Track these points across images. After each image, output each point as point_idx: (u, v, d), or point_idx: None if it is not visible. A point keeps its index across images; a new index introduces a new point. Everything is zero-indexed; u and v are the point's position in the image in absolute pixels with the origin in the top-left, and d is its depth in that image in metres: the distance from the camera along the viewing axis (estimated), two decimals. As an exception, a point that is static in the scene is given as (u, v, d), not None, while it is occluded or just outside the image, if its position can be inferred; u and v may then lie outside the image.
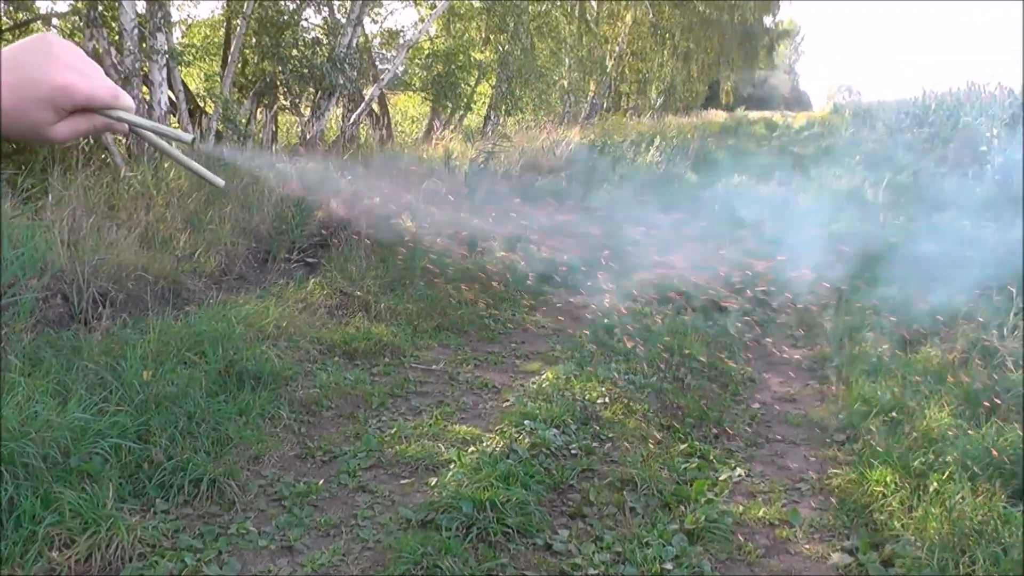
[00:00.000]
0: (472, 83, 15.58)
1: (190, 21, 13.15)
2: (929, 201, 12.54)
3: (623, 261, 9.84)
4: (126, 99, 1.11)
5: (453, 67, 14.55)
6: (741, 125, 35.11)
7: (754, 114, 44.21)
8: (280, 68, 11.08)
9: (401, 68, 13.69)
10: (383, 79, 12.78)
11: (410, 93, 15.53)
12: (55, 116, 1.04)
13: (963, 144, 16.37)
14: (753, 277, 9.33)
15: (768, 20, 39.42)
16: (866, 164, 18.49)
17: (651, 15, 26.20)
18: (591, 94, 24.84)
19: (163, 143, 1.20)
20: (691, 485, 4.38)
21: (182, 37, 12.69)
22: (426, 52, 14.66)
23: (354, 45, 12.08)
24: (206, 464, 4.08)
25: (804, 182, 17.43)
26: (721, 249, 10.36)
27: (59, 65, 1.03)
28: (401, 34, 14.45)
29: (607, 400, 5.34)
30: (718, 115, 38.82)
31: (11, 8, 9.65)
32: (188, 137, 1.18)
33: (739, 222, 12.55)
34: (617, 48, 25.52)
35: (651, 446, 4.85)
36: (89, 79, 1.06)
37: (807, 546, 3.95)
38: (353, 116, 12.25)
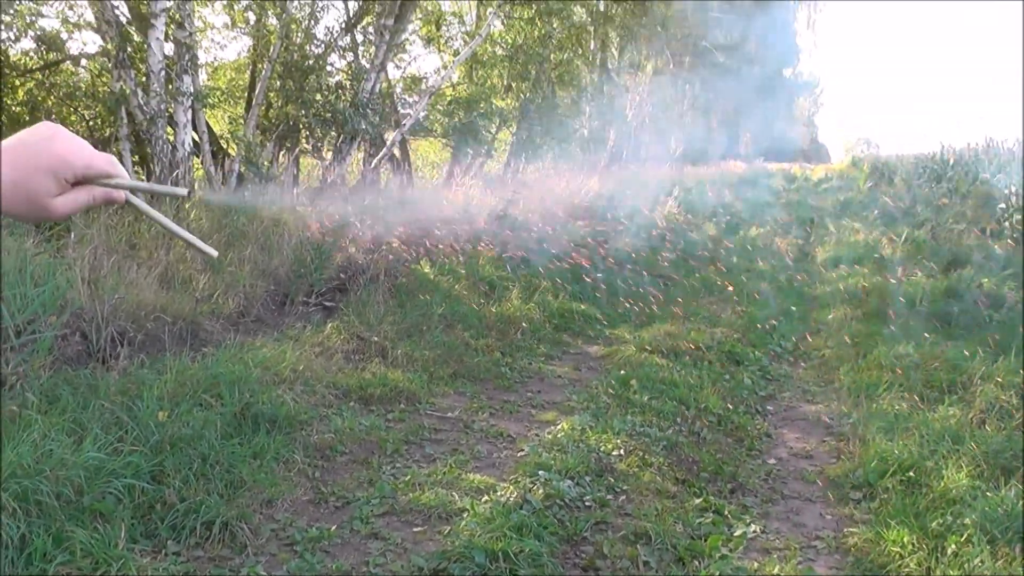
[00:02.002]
0: (493, 130, 15.69)
1: (216, 64, 13.31)
2: (947, 257, 12.50)
3: (641, 312, 9.87)
4: (121, 169, 1.18)
5: (475, 114, 14.67)
6: (759, 176, 35.17)
7: (772, 165, 44.29)
8: (303, 112, 11.18)
9: (423, 114, 13.78)
10: (405, 124, 12.89)
11: (431, 139, 15.66)
12: (56, 186, 1.11)
13: (981, 201, 16.32)
14: (771, 330, 9.31)
15: (788, 72, 39.68)
16: (883, 218, 18.48)
17: (672, 65, 26.38)
18: (610, 143, 24.96)
19: (157, 215, 1.25)
20: (705, 540, 4.35)
21: (208, 79, 12.84)
22: (448, 98, 14.79)
23: (377, 90, 12.20)
24: (219, 506, 4.06)
25: (821, 235, 17.43)
26: (738, 303, 10.35)
27: (60, 139, 1.12)
28: (424, 80, 14.59)
29: (622, 452, 5.31)
30: (736, 166, 38.89)
31: (42, 49, 9.79)
32: (183, 191, 1.25)
33: (757, 275, 12.55)
34: (638, 98, 25.69)
35: (666, 500, 4.82)
36: (88, 151, 1.14)
37: (823, 606, 3.90)
38: (374, 161, 12.34)
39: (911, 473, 4.99)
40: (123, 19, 9.27)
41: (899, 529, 4.33)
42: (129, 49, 9.03)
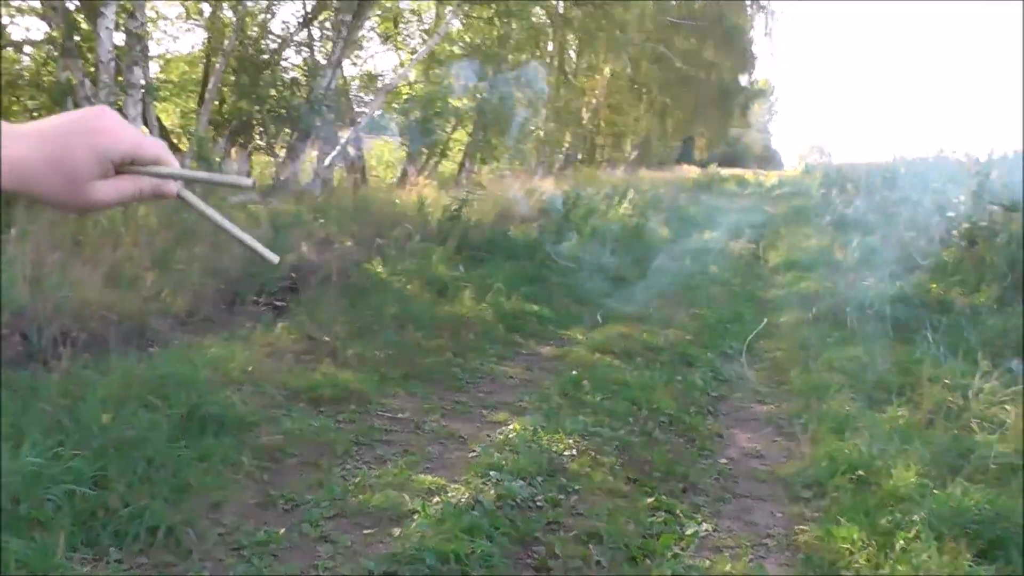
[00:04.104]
0: (448, 130, 15.64)
1: (168, 56, 13.12)
2: (898, 263, 12.67)
3: (594, 313, 9.88)
4: (174, 158, 1.04)
5: (431, 113, 14.63)
6: (713, 181, 35.51)
7: (726, 171, 44.76)
8: (257, 108, 11.07)
9: (379, 112, 13.68)
10: (360, 123, 12.79)
11: (386, 138, 15.57)
12: (98, 167, 0.96)
13: (932, 209, 16.58)
14: (722, 333, 9.37)
15: (744, 79, 40.02)
16: (836, 224, 18.70)
17: (629, 70, 26.50)
18: (566, 145, 25.02)
19: (214, 214, 1.07)
20: (657, 539, 4.34)
21: (159, 72, 12.64)
22: (404, 97, 14.71)
23: (333, 87, 12.09)
24: (164, 511, 3.95)
25: (774, 240, 17.61)
26: (691, 304, 10.41)
27: (108, 115, 0.99)
28: (380, 78, 14.50)
29: (574, 452, 5.28)
30: (691, 170, 39.26)
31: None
32: (248, 182, 1.09)
33: (709, 277, 12.64)
34: (594, 101, 25.77)
35: (618, 499, 4.80)
36: (138, 133, 1.00)
37: (773, 603, 3.90)
38: (328, 159, 12.22)
39: (861, 472, 5.02)
40: (71, 6, 9.06)
41: (849, 526, 4.36)
42: (77, 38, 8.84)
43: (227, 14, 11.45)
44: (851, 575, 4.02)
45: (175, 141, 11.32)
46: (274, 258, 1.12)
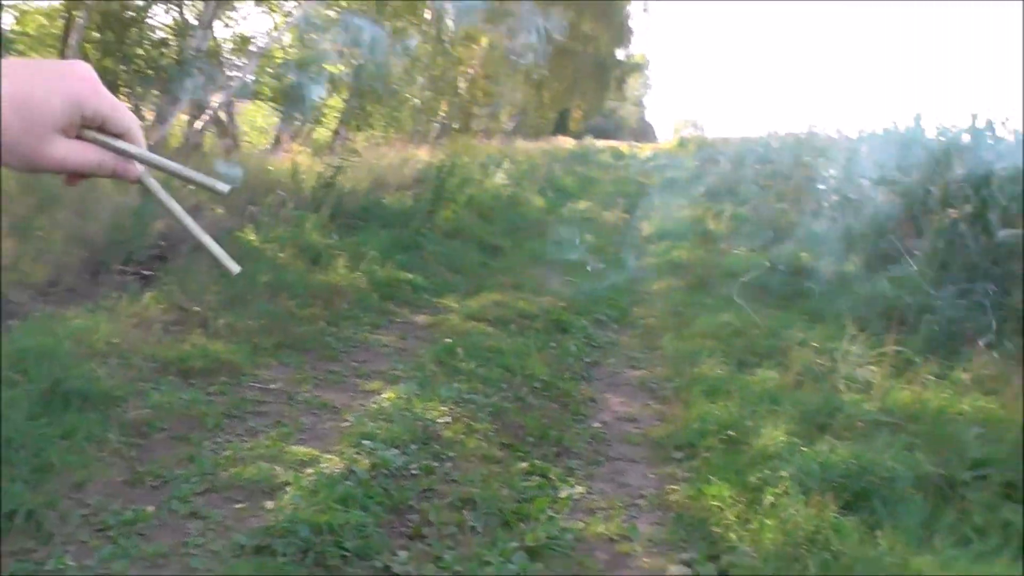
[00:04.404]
0: (323, 96, 15.40)
1: (25, 7, 12.45)
2: (768, 233, 13.13)
3: (468, 281, 9.94)
4: (142, 138, 0.92)
5: (305, 78, 14.37)
6: (589, 153, 35.91)
7: (602, 143, 45.29)
8: (124, 67, 10.67)
9: (251, 76, 13.35)
10: (232, 86, 12.46)
11: (259, 103, 15.22)
12: (63, 115, 0.83)
13: (802, 182, 17.19)
14: (597, 299, 9.56)
15: (621, 53, 40.51)
16: (709, 196, 19.22)
17: (506, 40, 26.48)
18: (442, 114, 24.92)
19: (177, 209, 0.97)
20: (532, 503, 4.40)
21: (15, 24, 12.00)
22: (278, 61, 14.39)
23: (204, 49, 11.76)
24: (23, 494, 3.77)
25: (648, 210, 17.98)
26: (565, 273, 10.58)
27: (83, 66, 0.87)
28: (253, 41, 14.13)
29: (448, 420, 5.31)
30: (567, 142, 39.56)
31: None
32: (224, 189, 0.99)
33: (583, 247, 12.83)
34: (471, 70, 25.70)
35: (492, 465, 4.85)
36: (112, 96, 0.89)
37: (646, 560, 4.01)
38: (199, 123, 11.89)
39: (731, 432, 5.19)
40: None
41: (719, 484, 4.51)
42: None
43: (90, -36, 10.96)
44: (721, 530, 4.16)
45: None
46: (235, 268, 1.01)
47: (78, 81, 0.85)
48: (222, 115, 12.69)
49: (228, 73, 13.25)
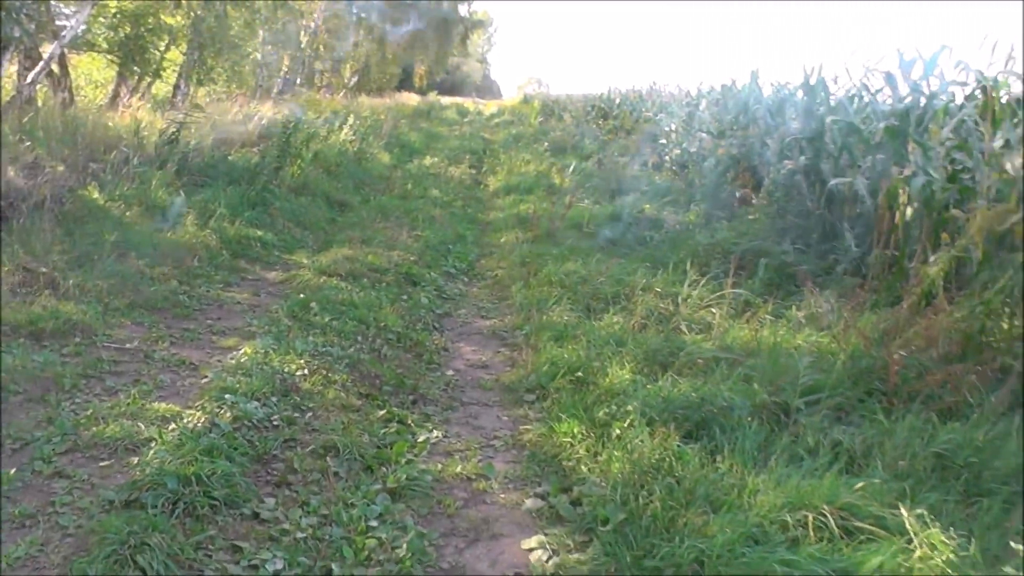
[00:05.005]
0: (162, 48, 14.91)
1: None
2: (612, 186, 13.54)
3: (317, 236, 9.95)
4: None
5: (142, 29, 13.88)
6: (433, 109, 35.82)
7: (446, 99, 45.20)
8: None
9: (83, 27, 12.75)
10: (64, 36, 11.90)
11: (94, 55, 14.59)
12: None
13: (644, 137, 17.73)
14: (445, 253, 9.74)
15: (463, 9, 40.43)
16: (554, 151, 19.55)
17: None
18: (285, 69, 24.47)
19: None
20: (391, 448, 4.55)
21: None
22: (112, 11, 13.82)
23: (31, -7, 11.16)
24: None
25: (494, 165, 18.17)
26: (414, 227, 10.68)
27: None
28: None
29: (306, 372, 5.39)
30: (411, 98, 39.35)
31: None
32: None
33: (431, 201, 12.95)
34: (313, 24, 25.29)
35: (351, 414, 4.96)
36: None
37: (503, 496, 4.22)
38: (31, 75, 11.35)
39: (579, 374, 5.43)
40: None
41: (569, 422, 4.74)
42: None
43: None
44: (572, 464, 4.39)
45: None
46: None
47: None
48: (55, 67, 12.14)
49: (58, 23, 12.65)
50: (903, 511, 3.44)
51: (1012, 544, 3.35)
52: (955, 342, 5.23)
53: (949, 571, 3.16)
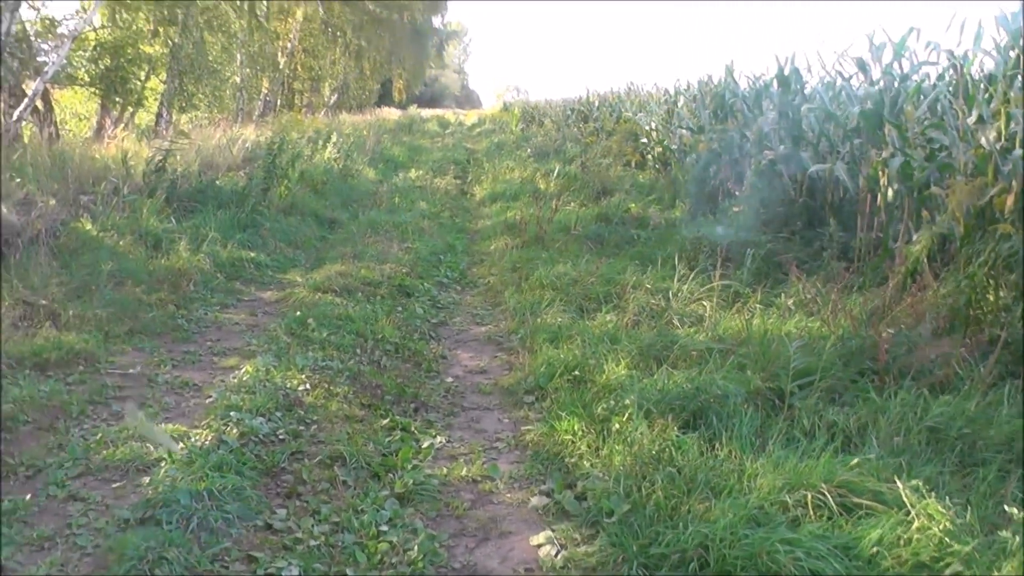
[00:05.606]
0: (143, 78, 14.97)
1: None
2: (597, 187, 13.64)
3: (309, 255, 10.03)
4: None
5: (122, 60, 13.94)
6: (415, 122, 35.94)
7: (427, 112, 45.37)
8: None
9: (64, 61, 12.80)
10: (47, 72, 11.96)
11: (76, 88, 14.64)
12: None
13: (625, 137, 17.83)
14: (437, 263, 9.83)
15: (437, 21, 40.62)
16: (537, 156, 19.66)
17: (322, 12, 26.23)
18: (264, 91, 24.54)
19: None
20: (397, 455, 4.63)
21: None
22: (92, 44, 13.88)
23: (12, 32, 11.24)
24: None
25: (479, 175, 18.26)
26: (404, 240, 10.76)
27: None
28: (63, 23, 13.51)
29: (308, 386, 5.44)
30: (392, 113, 39.48)
31: None
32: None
33: (419, 214, 13.04)
34: (289, 45, 25.37)
35: (355, 424, 5.03)
36: None
37: (508, 495, 4.29)
38: (16, 113, 11.41)
39: (576, 373, 5.52)
40: None
41: (569, 419, 4.81)
42: None
43: None
44: (575, 460, 4.47)
45: None
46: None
47: None
48: (39, 103, 12.21)
49: (40, 60, 12.71)
50: (899, 485, 3.53)
51: (1007, 509, 3.45)
52: (942, 317, 5.35)
53: (947, 539, 3.24)
